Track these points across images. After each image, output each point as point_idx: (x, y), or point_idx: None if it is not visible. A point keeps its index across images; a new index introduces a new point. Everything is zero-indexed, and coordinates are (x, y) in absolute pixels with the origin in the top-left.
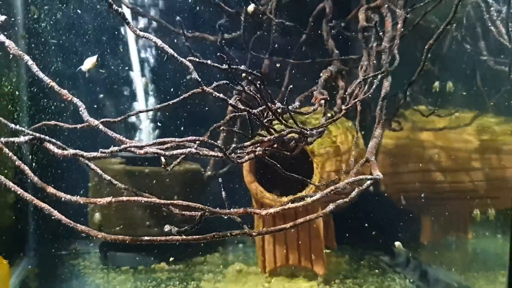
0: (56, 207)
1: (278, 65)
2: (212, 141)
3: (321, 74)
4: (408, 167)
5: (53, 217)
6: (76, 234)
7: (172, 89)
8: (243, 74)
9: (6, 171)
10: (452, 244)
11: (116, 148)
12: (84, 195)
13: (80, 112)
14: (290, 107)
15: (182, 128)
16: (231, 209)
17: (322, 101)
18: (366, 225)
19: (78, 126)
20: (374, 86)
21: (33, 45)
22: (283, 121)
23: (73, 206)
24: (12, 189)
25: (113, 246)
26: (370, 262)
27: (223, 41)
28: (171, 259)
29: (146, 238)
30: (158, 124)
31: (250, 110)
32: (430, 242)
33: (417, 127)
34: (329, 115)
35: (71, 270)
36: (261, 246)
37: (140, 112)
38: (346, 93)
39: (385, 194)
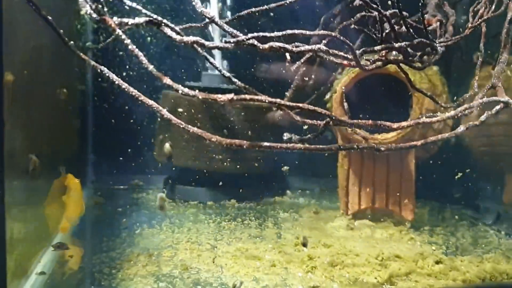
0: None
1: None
2: (344, 39)
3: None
4: (497, 118)
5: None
6: (135, 169)
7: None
8: None
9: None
10: None
11: (241, 37)
12: (153, 129)
13: None
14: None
15: None
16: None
17: (438, 23)
18: (446, 180)
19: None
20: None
21: None
22: (412, 32)
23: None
24: (116, 82)
25: (180, 180)
26: (454, 215)
27: None
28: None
29: (265, 144)
30: None
31: (382, 11)
32: None
33: None
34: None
35: (136, 202)
36: (345, 186)
37: None
38: (470, 12)
39: (468, 148)
